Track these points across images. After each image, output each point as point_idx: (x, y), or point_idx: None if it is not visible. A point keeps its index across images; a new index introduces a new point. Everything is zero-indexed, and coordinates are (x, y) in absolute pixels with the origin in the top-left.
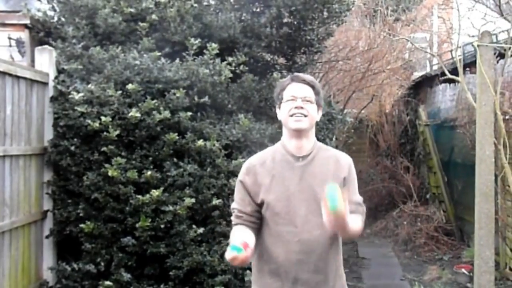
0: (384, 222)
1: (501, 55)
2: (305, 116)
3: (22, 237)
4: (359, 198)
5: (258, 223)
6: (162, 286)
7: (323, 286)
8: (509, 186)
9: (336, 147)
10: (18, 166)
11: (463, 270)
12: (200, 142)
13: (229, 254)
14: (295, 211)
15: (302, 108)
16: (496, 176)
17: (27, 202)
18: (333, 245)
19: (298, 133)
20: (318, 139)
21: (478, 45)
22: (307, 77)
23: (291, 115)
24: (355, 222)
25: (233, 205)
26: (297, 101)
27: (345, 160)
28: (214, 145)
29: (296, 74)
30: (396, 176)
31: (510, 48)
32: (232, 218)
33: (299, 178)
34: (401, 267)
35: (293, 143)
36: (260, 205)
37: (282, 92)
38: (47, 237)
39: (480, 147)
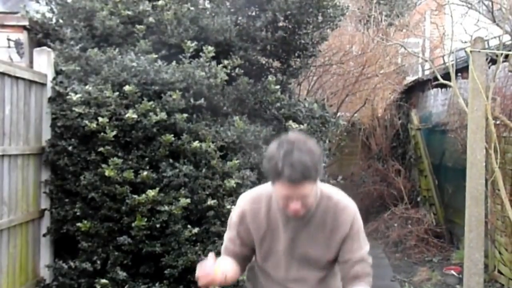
0: (375, 224)
1: (493, 61)
2: (303, 208)
3: (20, 235)
4: (365, 253)
5: (247, 261)
6: (157, 284)
7: None
8: (499, 190)
9: (329, 150)
10: (16, 166)
11: (452, 272)
12: (196, 144)
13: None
14: (286, 267)
15: (299, 209)
16: (486, 180)
17: (25, 201)
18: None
19: None
20: None
21: (470, 51)
22: (301, 170)
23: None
24: None
25: (225, 237)
26: (293, 202)
27: (347, 214)
28: (209, 146)
29: (288, 165)
30: (388, 179)
31: (502, 54)
32: (222, 248)
33: (292, 238)
34: (392, 268)
35: None
36: (253, 249)
37: (274, 180)
38: (44, 235)
39: (471, 151)
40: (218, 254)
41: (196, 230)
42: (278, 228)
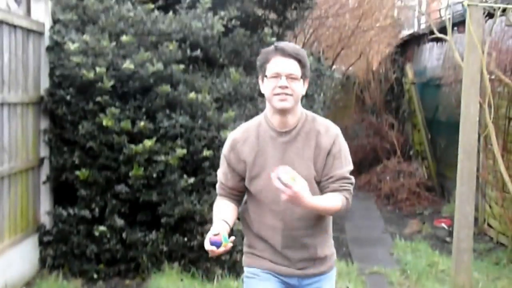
0: (368, 176)
1: (490, 15)
2: (290, 95)
3: (21, 182)
4: (346, 172)
5: (241, 194)
6: (153, 232)
7: (311, 259)
8: (491, 145)
9: (324, 103)
10: (16, 114)
11: (442, 224)
12: (192, 95)
13: (209, 246)
14: (277, 189)
15: (286, 87)
16: (479, 134)
17: (24, 149)
18: (320, 220)
19: (283, 111)
20: (306, 95)
21: (468, 5)
22: (292, 48)
23: (275, 94)
24: (329, 201)
25: (218, 173)
26: (282, 79)
27: (331, 132)
28: (205, 97)
29: (281, 45)
30: (381, 132)
31: (499, 8)
32: (217, 186)
33: (281, 155)
34: (383, 220)
35: (276, 119)
36: (244, 180)
37: (266, 64)
38: (44, 183)
39: (465, 106)
40: (212, 203)
41: (192, 180)
42: (268, 147)
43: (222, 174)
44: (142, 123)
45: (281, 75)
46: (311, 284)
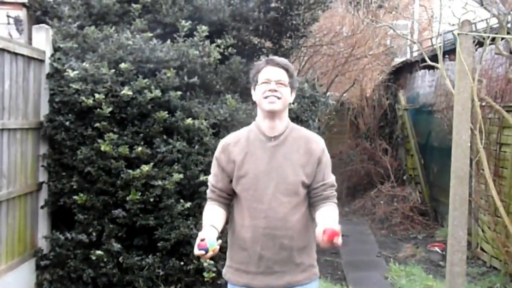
0: (362, 201)
1: (480, 44)
2: (279, 98)
3: (19, 207)
4: (333, 179)
5: (229, 198)
6: (150, 256)
7: (287, 263)
8: (483, 170)
9: (319, 128)
10: (15, 139)
11: (436, 248)
12: (189, 121)
13: (198, 251)
14: (263, 189)
15: (276, 91)
16: (471, 160)
17: (23, 174)
18: (302, 224)
19: (272, 114)
20: (302, 120)
21: (458, 34)
22: (281, 60)
23: (265, 97)
24: (335, 216)
25: (209, 178)
26: (271, 84)
27: (319, 141)
28: (202, 123)
29: (271, 57)
30: (375, 157)
31: (489, 37)
32: (208, 190)
33: (269, 158)
34: (377, 245)
35: (266, 123)
36: (232, 181)
37: (257, 74)
38: (42, 207)
39: (457, 132)
40: None
41: (188, 204)
42: (257, 150)
43: (213, 176)
44: (139, 149)
45: (271, 80)
46: None
